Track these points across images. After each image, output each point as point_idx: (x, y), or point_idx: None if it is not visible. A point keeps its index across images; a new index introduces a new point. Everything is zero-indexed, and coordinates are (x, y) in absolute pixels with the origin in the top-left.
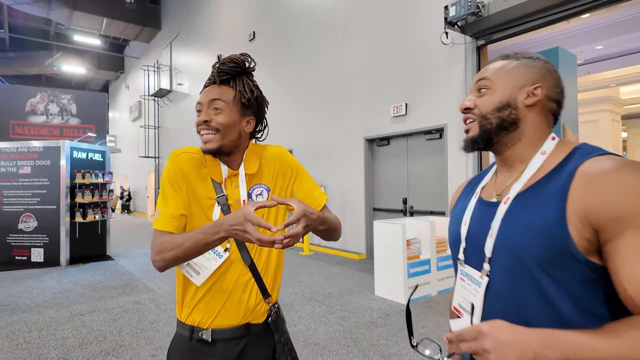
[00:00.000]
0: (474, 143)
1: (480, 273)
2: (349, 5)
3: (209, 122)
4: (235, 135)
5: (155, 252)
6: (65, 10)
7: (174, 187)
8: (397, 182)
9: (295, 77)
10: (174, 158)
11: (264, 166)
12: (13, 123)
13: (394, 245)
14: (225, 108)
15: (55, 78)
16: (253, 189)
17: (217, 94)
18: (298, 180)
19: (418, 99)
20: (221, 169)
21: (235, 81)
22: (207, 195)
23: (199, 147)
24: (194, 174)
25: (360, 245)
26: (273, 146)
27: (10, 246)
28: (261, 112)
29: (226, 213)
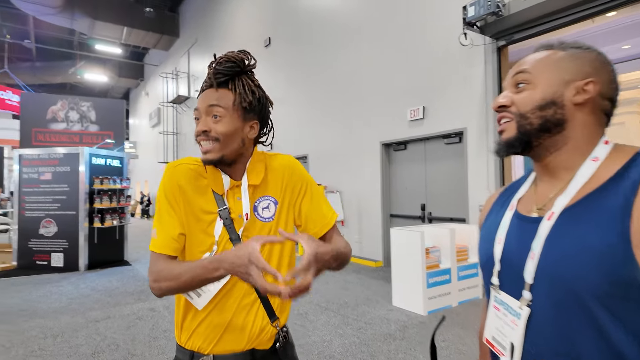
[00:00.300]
0: (510, 146)
1: (519, 302)
2: (364, 8)
3: (208, 132)
4: (238, 144)
5: (152, 279)
6: (87, 20)
7: (171, 203)
8: (414, 188)
9: (310, 81)
10: (170, 171)
11: (271, 177)
12: (35, 130)
13: (412, 253)
14: (225, 114)
15: (78, 86)
16: (259, 202)
17: (215, 99)
18: (308, 195)
19: (436, 102)
20: (222, 179)
21: (235, 83)
22: (207, 210)
23: (198, 157)
24: (192, 187)
25: (377, 253)
26: (283, 155)
27: (31, 251)
28: (265, 114)
29: (229, 228)
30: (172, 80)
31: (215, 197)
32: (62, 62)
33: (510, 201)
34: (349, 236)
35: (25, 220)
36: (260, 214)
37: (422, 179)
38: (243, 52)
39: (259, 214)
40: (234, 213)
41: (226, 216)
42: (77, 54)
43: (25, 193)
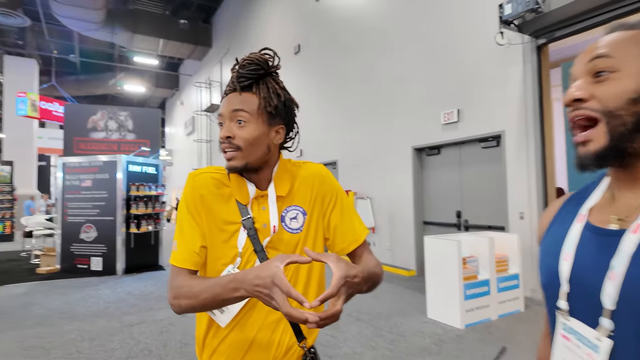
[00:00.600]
0: (602, 159)
1: (597, 332)
2: (393, 12)
3: (231, 139)
4: (263, 150)
5: (172, 295)
6: (127, 34)
7: (192, 214)
8: (449, 194)
9: (340, 87)
10: (191, 181)
11: (300, 186)
12: (77, 139)
13: (448, 263)
14: (250, 119)
15: (118, 97)
16: (287, 211)
17: (238, 103)
18: (337, 208)
19: (471, 105)
20: (248, 188)
21: (259, 86)
22: (230, 220)
23: (220, 166)
24: (215, 197)
25: (410, 261)
26: (313, 164)
27: (73, 255)
28: (291, 118)
29: (253, 238)
30: (205, 90)
31: (238, 207)
32: (103, 75)
33: (579, 211)
34: (380, 243)
35: (67, 225)
36: (288, 225)
37: (458, 185)
38: (267, 50)
39: (287, 225)
40: (258, 223)
41: (250, 226)
42: (117, 66)
43: (68, 199)
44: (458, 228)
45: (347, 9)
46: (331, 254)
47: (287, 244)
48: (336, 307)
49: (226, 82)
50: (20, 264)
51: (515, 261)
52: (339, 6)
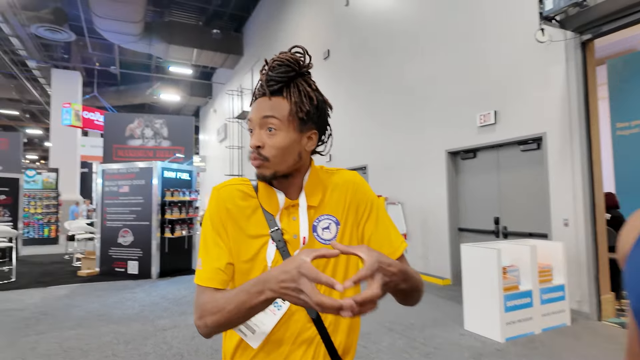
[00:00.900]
0: None
1: None
2: (424, 13)
3: (261, 148)
4: (294, 158)
5: (197, 315)
6: (163, 45)
7: (217, 230)
8: (486, 200)
9: (370, 91)
10: (216, 195)
11: (333, 194)
12: (115, 147)
13: (486, 273)
14: (280, 127)
15: (155, 106)
16: (319, 221)
17: (268, 109)
18: (372, 218)
19: (509, 106)
20: (277, 197)
21: (290, 90)
22: (257, 233)
23: (244, 177)
24: (241, 209)
25: (445, 269)
26: (346, 171)
27: (111, 258)
28: (324, 121)
29: (282, 251)
30: (237, 97)
31: (266, 218)
32: (141, 85)
33: None
34: (412, 250)
35: (106, 229)
36: (320, 235)
37: (495, 190)
38: (298, 48)
39: (319, 235)
40: (287, 234)
41: (279, 238)
42: (153, 76)
43: (107, 205)
44: (496, 235)
45: (376, 13)
46: (362, 245)
47: None
48: (373, 290)
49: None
50: (64, 267)
51: (560, 271)
52: (368, 10)
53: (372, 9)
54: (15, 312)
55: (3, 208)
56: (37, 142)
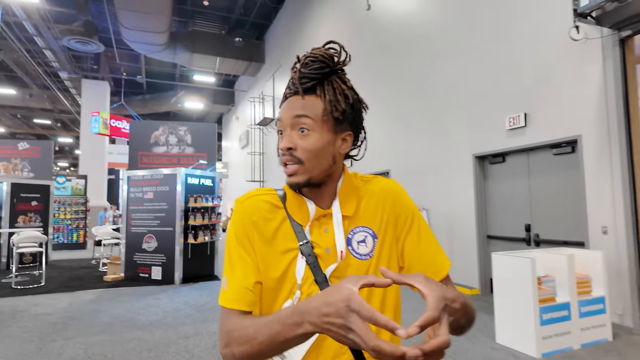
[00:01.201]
0: None
1: None
2: (447, 14)
3: (293, 150)
4: (328, 162)
5: (223, 343)
6: (187, 54)
7: (243, 245)
8: (516, 206)
9: (393, 95)
10: (239, 207)
11: (369, 204)
12: (141, 154)
13: (520, 283)
14: (314, 127)
15: (179, 114)
16: (353, 233)
17: (301, 108)
18: (414, 231)
19: (540, 108)
20: (308, 207)
21: (324, 87)
22: (285, 247)
23: (269, 187)
24: (268, 221)
25: (472, 278)
26: (384, 179)
27: (136, 264)
28: (359, 122)
29: (313, 267)
30: (258, 104)
31: (294, 230)
32: (166, 93)
33: None
34: None
35: (131, 235)
36: (355, 249)
37: (526, 196)
38: (332, 43)
39: (354, 249)
40: (318, 247)
41: (309, 252)
42: (178, 85)
43: (132, 211)
44: (527, 243)
45: (398, 17)
46: (417, 274)
47: (355, 273)
48: (442, 336)
49: (278, 96)
50: (91, 272)
51: (600, 282)
52: (389, 14)
53: (393, 12)
54: (44, 316)
55: (34, 214)
56: (68, 150)
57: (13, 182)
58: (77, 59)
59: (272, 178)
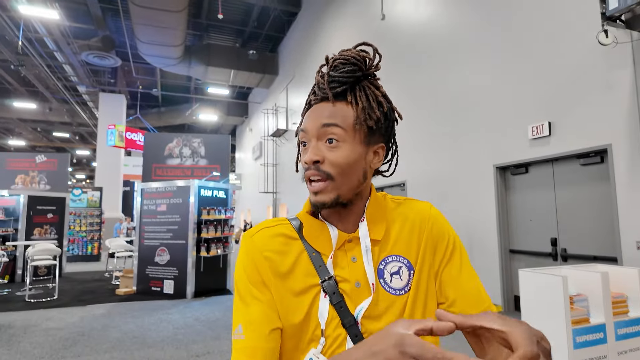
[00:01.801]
0: None
1: None
2: (465, 21)
3: (320, 164)
4: (358, 178)
5: None
6: (202, 67)
7: (256, 285)
8: (541, 219)
9: (408, 105)
10: (249, 242)
11: (402, 230)
12: (155, 166)
13: (550, 303)
14: (345, 138)
15: (194, 126)
16: (385, 263)
17: (330, 115)
18: (455, 261)
19: (565, 116)
20: (330, 233)
21: (355, 93)
22: (305, 284)
23: (282, 217)
24: (282, 256)
25: (495, 295)
26: (418, 202)
27: (148, 277)
28: (392, 133)
29: (339, 308)
30: (272, 116)
31: (313, 263)
32: (181, 106)
33: None
34: None
35: (144, 248)
36: (388, 283)
37: (551, 208)
38: (364, 45)
39: (386, 282)
40: (345, 282)
41: (333, 290)
42: (193, 97)
43: (145, 223)
44: (554, 258)
45: (413, 26)
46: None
47: (388, 311)
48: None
49: (292, 108)
50: (103, 285)
51: (637, 302)
52: (404, 23)
53: (408, 22)
54: (55, 331)
55: (50, 226)
56: (85, 162)
57: (30, 195)
58: (95, 73)
59: (285, 189)
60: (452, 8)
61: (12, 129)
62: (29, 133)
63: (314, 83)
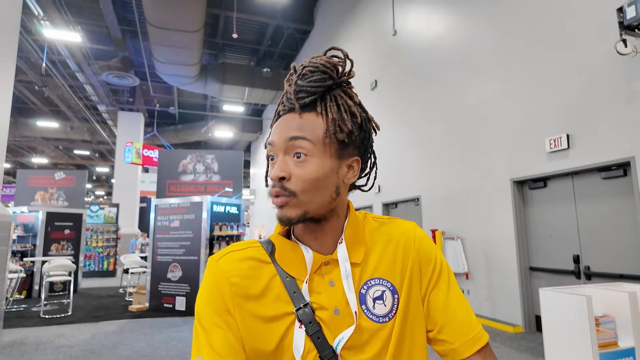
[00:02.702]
0: None
1: None
2: (477, 33)
3: (285, 180)
4: (330, 194)
5: None
6: (217, 85)
7: (220, 313)
8: (562, 235)
9: (421, 119)
10: (214, 266)
11: (385, 250)
12: (169, 182)
13: (574, 324)
14: (313, 152)
15: (210, 143)
16: (367, 287)
17: (297, 128)
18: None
19: (585, 128)
20: (304, 255)
21: (326, 103)
22: (277, 311)
23: (253, 240)
24: (252, 282)
25: (515, 315)
26: (402, 221)
27: (160, 294)
28: (368, 145)
29: (316, 339)
30: None
31: (287, 289)
32: (197, 123)
33: None
34: (475, 292)
35: (157, 264)
36: (371, 309)
37: (572, 224)
38: (333, 50)
39: (369, 309)
40: (322, 310)
41: (309, 319)
42: (208, 115)
43: (158, 239)
44: (577, 276)
45: (425, 40)
46: None
47: (372, 341)
48: None
49: None
50: (117, 301)
51: None
52: (416, 38)
53: (420, 36)
54: (66, 349)
55: (67, 242)
56: (105, 179)
57: (48, 211)
58: (115, 93)
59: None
60: (463, 21)
61: (36, 147)
62: (51, 151)
63: (283, 93)
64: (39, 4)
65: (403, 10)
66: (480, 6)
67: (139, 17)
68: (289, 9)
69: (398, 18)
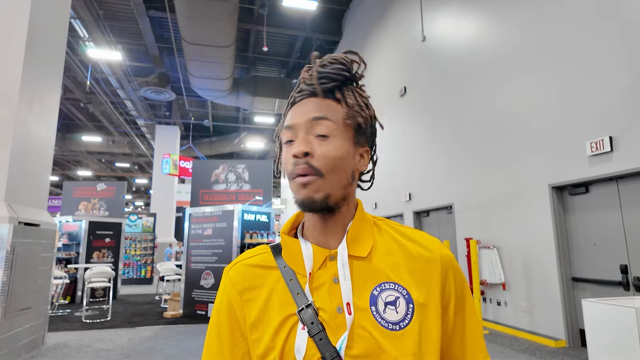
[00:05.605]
0: None
1: None
2: (509, 36)
3: (309, 157)
4: (347, 179)
5: None
6: (249, 98)
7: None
8: (607, 243)
9: (452, 125)
10: (226, 278)
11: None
12: (202, 192)
13: (622, 338)
14: (335, 132)
15: (242, 153)
16: (380, 290)
17: (319, 109)
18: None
19: (630, 130)
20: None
21: (343, 92)
22: (282, 314)
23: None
24: (259, 288)
25: (557, 328)
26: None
27: (194, 301)
28: (374, 142)
29: (318, 341)
30: None
31: (291, 291)
32: (230, 135)
33: None
34: (513, 303)
35: (190, 272)
36: (381, 312)
37: (619, 231)
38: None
39: (379, 312)
40: (325, 311)
41: (311, 319)
42: (241, 126)
43: (192, 247)
44: (625, 287)
45: (455, 45)
46: None
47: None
48: None
49: None
50: (153, 307)
51: None
52: (445, 44)
53: (449, 41)
54: (104, 352)
55: (107, 250)
56: (143, 190)
57: (90, 220)
58: (152, 107)
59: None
60: (494, 25)
61: (81, 161)
62: (94, 164)
63: (298, 82)
64: (84, 26)
65: (432, 16)
66: (511, 7)
67: (175, 35)
68: (317, 20)
69: (427, 24)
